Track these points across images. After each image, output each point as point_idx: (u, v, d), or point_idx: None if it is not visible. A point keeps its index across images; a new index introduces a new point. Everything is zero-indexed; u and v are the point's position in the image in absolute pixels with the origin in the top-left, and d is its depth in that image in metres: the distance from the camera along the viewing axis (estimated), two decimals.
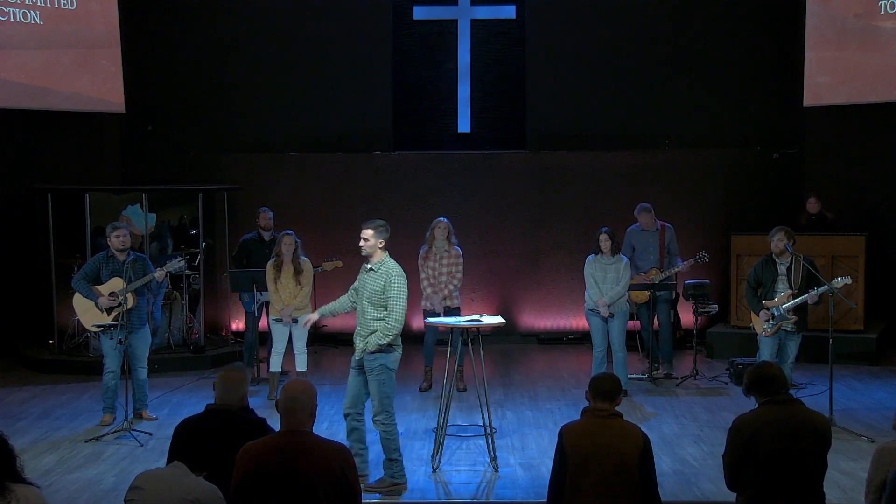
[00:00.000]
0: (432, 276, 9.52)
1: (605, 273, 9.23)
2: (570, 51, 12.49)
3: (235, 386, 4.95)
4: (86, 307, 8.54)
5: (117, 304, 8.30)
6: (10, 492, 3.91)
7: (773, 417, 4.74)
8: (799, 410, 4.80)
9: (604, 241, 9.20)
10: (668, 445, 7.78)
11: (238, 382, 4.97)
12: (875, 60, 11.46)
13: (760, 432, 4.70)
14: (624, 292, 9.24)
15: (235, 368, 5.13)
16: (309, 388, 4.52)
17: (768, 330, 8.39)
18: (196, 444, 4.71)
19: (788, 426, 4.70)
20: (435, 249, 9.58)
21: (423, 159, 12.58)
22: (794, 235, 8.45)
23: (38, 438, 8.06)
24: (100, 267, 8.48)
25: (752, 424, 4.76)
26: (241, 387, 4.98)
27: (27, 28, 11.52)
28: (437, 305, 9.44)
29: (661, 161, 12.45)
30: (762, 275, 8.51)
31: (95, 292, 8.44)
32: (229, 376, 5.00)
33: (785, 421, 4.72)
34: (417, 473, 7.16)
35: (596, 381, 4.88)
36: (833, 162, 12.22)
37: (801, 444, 4.67)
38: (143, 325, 8.57)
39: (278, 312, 9.25)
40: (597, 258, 9.29)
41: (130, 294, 8.33)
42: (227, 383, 4.95)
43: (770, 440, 4.67)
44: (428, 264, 9.58)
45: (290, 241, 9.26)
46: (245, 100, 12.56)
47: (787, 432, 4.68)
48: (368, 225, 6.88)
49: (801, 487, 4.69)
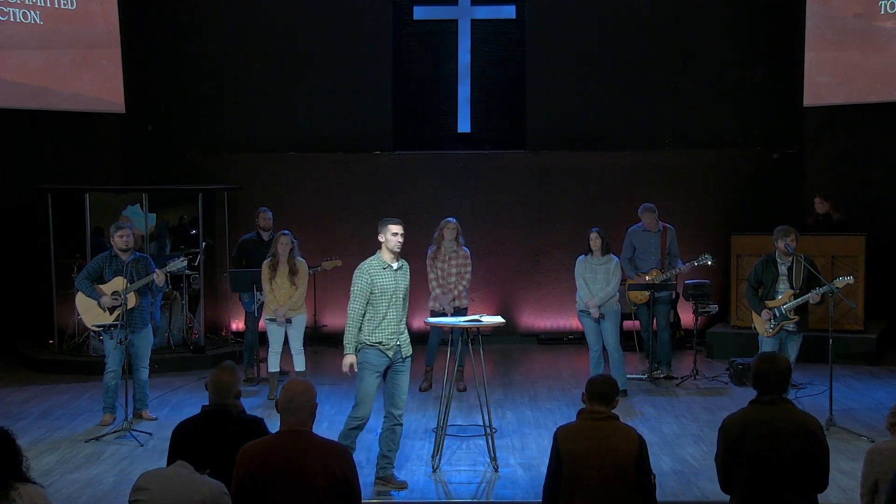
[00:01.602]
0: (441, 276, 9.51)
1: (595, 273, 9.21)
2: (570, 51, 12.49)
3: (229, 386, 4.93)
4: (88, 306, 8.55)
5: (119, 304, 8.30)
6: (16, 491, 3.91)
7: (757, 417, 4.66)
8: (785, 410, 4.67)
9: (594, 239, 9.18)
10: (668, 445, 7.78)
11: (231, 382, 4.95)
12: (875, 60, 11.47)
13: (746, 432, 4.63)
14: (614, 293, 9.21)
15: (226, 368, 5.07)
16: (308, 388, 4.51)
17: (770, 330, 8.38)
18: (194, 445, 4.68)
19: (772, 427, 4.60)
20: (444, 250, 9.56)
21: (423, 159, 12.59)
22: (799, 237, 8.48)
23: (38, 438, 8.08)
24: (103, 266, 8.49)
25: (738, 424, 4.70)
26: (235, 386, 4.96)
27: (27, 28, 11.52)
28: (447, 306, 9.42)
29: (661, 161, 12.45)
30: (763, 275, 8.49)
31: (98, 291, 8.44)
32: (221, 376, 4.97)
33: (770, 421, 4.61)
34: (417, 473, 7.16)
35: (592, 383, 4.87)
36: (833, 162, 12.22)
37: (785, 445, 4.56)
38: (145, 325, 8.58)
39: (273, 312, 9.24)
40: (587, 258, 9.27)
41: (133, 294, 8.34)
42: (219, 383, 4.93)
43: (754, 441, 4.59)
44: (437, 265, 9.57)
45: (286, 242, 9.26)
46: (245, 100, 12.57)
47: (771, 433, 4.58)
48: (400, 222, 6.84)
49: (787, 489, 4.57)
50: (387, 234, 6.79)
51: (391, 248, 6.78)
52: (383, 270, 6.77)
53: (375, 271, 6.75)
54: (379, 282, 6.73)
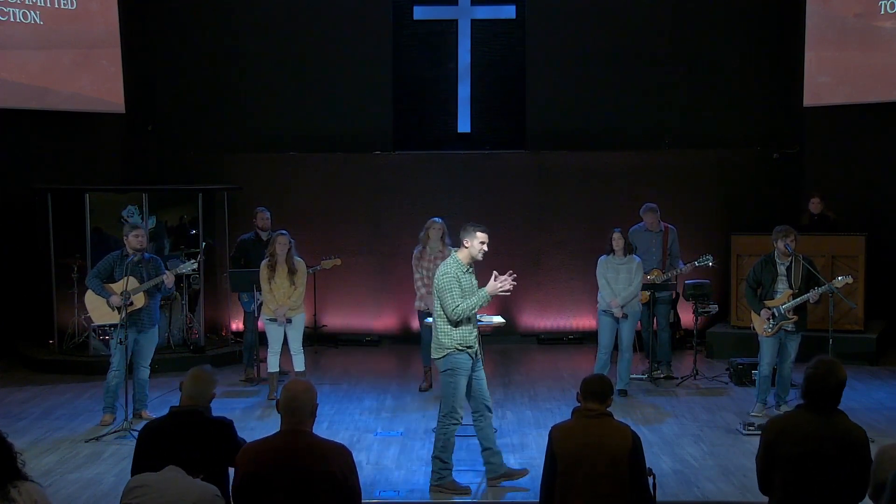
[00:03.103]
0: (427, 276, 9.51)
1: (617, 273, 9.24)
2: (570, 51, 12.49)
3: (205, 385, 4.92)
4: (97, 304, 8.58)
5: (129, 303, 8.32)
6: (16, 489, 3.91)
7: (801, 421, 4.58)
8: (831, 419, 4.55)
9: (616, 240, 9.21)
10: (668, 445, 7.77)
11: (208, 381, 4.95)
12: (875, 60, 11.47)
13: (785, 434, 4.57)
14: (637, 292, 9.26)
15: (205, 371, 5.05)
16: (309, 388, 4.51)
17: (769, 330, 8.40)
18: (162, 446, 4.65)
19: (814, 432, 4.50)
20: (429, 250, 9.56)
21: (423, 159, 12.58)
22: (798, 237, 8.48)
23: (38, 438, 8.08)
24: (113, 265, 8.52)
25: (779, 425, 4.64)
26: (211, 386, 4.96)
27: (27, 28, 11.52)
28: (432, 306, 9.39)
29: (661, 161, 12.44)
30: (762, 275, 8.51)
31: (108, 290, 8.46)
32: (200, 375, 4.96)
33: (813, 427, 4.52)
34: (417, 473, 7.16)
35: (587, 381, 4.88)
36: (833, 162, 12.21)
37: (825, 453, 4.47)
38: (153, 325, 8.63)
39: (272, 312, 9.24)
40: (609, 259, 9.29)
41: (142, 294, 8.38)
42: (197, 382, 4.91)
43: (793, 444, 4.52)
44: (422, 265, 9.57)
45: (284, 242, 9.26)
46: (245, 100, 12.57)
47: (812, 438, 4.49)
48: (487, 230, 6.84)
49: (823, 496, 4.49)
50: (474, 241, 6.77)
51: (475, 254, 6.79)
52: (465, 274, 6.79)
53: (461, 273, 6.75)
54: (463, 283, 6.74)
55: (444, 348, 6.70)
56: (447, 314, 6.66)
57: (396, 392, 9.69)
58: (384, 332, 12.39)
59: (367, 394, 9.61)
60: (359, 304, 12.43)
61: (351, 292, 12.36)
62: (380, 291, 12.43)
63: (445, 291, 6.65)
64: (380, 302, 12.44)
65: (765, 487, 4.73)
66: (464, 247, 6.79)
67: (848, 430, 4.56)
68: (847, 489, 4.54)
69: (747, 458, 7.04)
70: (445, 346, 6.68)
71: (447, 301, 6.65)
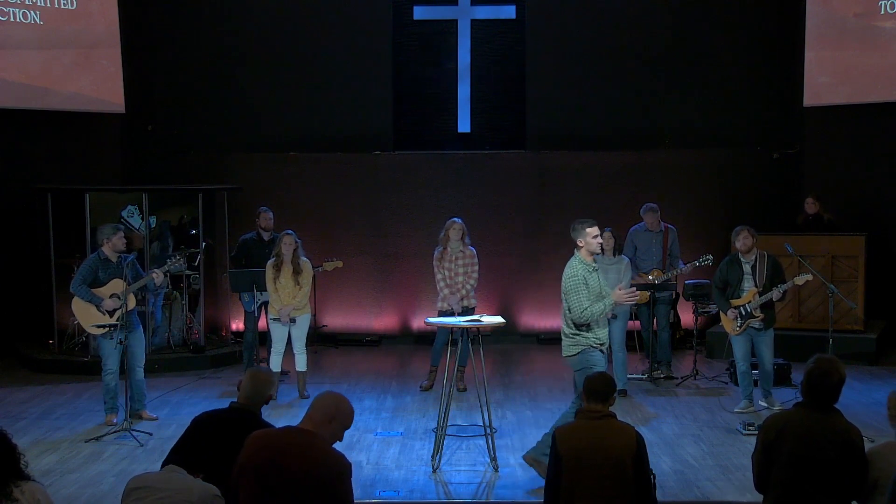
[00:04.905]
0: (449, 276, 9.51)
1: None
2: (570, 51, 12.49)
3: (262, 385, 4.93)
4: (84, 310, 8.54)
5: (120, 306, 8.30)
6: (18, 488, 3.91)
7: (799, 420, 4.59)
8: (829, 418, 4.57)
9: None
10: (668, 445, 7.78)
11: (265, 382, 4.95)
12: (875, 60, 11.47)
13: (784, 434, 4.57)
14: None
15: (265, 371, 5.09)
16: (343, 402, 4.39)
17: (737, 329, 8.58)
18: (209, 437, 4.69)
19: (813, 432, 4.52)
20: (450, 250, 9.56)
21: (423, 159, 12.58)
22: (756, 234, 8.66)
23: (38, 438, 8.08)
24: (96, 269, 8.47)
25: (778, 425, 4.64)
26: (268, 388, 4.96)
27: (27, 28, 11.52)
28: (456, 305, 9.42)
29: (661, 161, 12.44)
30: (728, 274, 8.71)
31: (98, 295, 8.44)
32: (257, 375, 4.97)
33: (810, 427, 4.53)
34: (417, 473, 7.16)
35: (589, 381, 4.89)
36: (833, 162, 12.21)
37: (823, 453, 4.49)
38: (138, 325, 8.62)
39: (277, 312, 9.25)
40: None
41: (131, 294, 8.37)
42: (254, 382, 4.91)
43: (792, 444, 4.54)
44: (444, 265, 9.56)
45: (290, 241, 9.26)
46: (245, 100, 12.57)
47: (810, 438, 4.51)
48: (596, 223, 6.87)
49: (820, 496, 4.50)
50: (586, 238, 6.80)
51: (592, 249, 6.83)
52: (592, 273, 6.82)
53: (587, 273, 6.78)
54: (590, 283, 6.76)
55: (578, 346, 6.76)
56: (574, 316, 6.72)
57: (396, 392, 9.70)
58: (384, 332, 12.40)
59: (367, 394, 9.61)
60: (359, 304, 12.43)
61: (351, 292, 12.36)
62: (380, 291, 12.44)
63: (572, 293, 6.73)
64: (380, 302, 12.44)
65: (761, 486, 4.74)
66: (579, 246, 6.83)
67: (846, 430, 4.57)
68: (845, 489, 4.56)
69: (747, 457, 6.98)
70: (580, 343, 6.75)
71: (574, 303, 6.71)
